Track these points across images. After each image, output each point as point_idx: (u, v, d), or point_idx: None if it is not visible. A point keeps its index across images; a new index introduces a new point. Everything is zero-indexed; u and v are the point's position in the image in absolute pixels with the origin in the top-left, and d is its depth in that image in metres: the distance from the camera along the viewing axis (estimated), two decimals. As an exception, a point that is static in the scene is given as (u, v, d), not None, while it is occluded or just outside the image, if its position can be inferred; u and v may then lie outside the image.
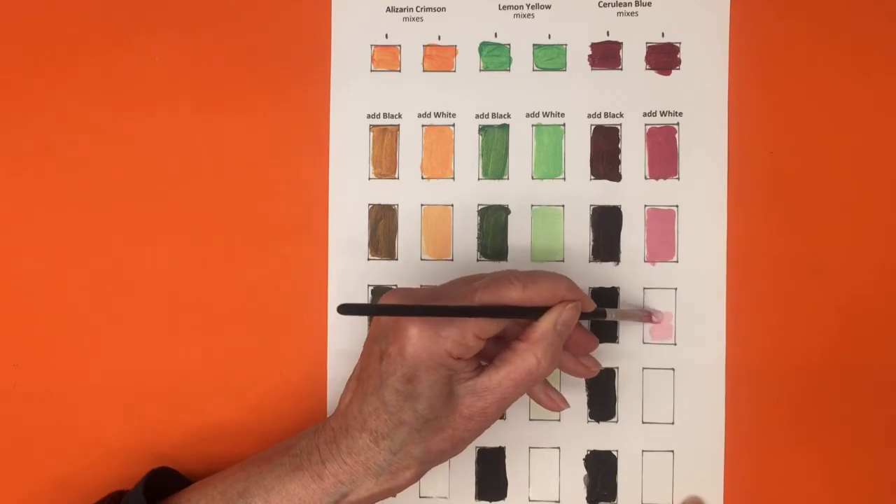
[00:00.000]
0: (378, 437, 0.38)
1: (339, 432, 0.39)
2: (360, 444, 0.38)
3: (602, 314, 0.42)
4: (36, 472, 0.47)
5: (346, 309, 0.35)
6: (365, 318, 0.46)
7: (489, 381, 0.38)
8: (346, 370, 0.46)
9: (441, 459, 0.40)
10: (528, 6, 0.46)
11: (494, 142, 0.46)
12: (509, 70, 0.47)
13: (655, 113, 0.46)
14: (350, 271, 0.46)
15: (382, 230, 0.47)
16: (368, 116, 0.47)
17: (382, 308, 0.38)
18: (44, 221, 0.47)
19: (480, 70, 0.47)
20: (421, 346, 0.36)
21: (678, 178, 0.46)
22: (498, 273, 0.39)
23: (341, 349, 0.46)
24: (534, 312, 0.39)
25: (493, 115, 0.47)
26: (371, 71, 0.47)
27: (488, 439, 0.46)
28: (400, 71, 0.47)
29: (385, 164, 0.47)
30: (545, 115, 0.46)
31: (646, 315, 0.45)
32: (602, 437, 0.46)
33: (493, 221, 0.46)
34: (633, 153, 0.46)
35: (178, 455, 0.47)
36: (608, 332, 0.46)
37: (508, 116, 0.46)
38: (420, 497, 0.46)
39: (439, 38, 0.47)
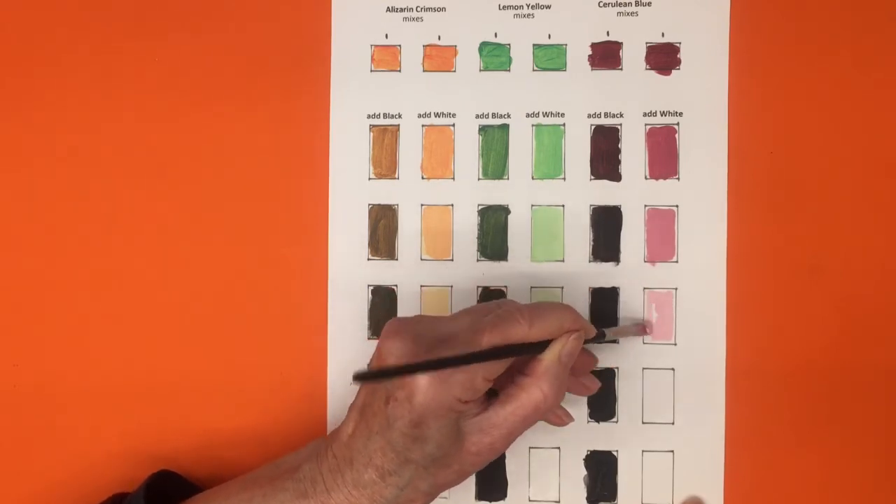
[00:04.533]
0: (385, 474, 0.37)
1: (343, 463, 0.38)
2: (366, 478, 0.37)
3: (602, 336, 0.42)
4: (36, 473, 0.47)
5: (361, 377, 0.34)
6: (366, 321, 0.46)
7: (496, 416, 0.38)
8: (347, 371, 0.46)
9: (447, 489, 0.39)
10: (528, 6, 0.46)
11: (494, 142, 0.46)
12: (509, 70, 0.47)
13: (655, 113, 0.46)
14: (350, 271, 0.46)
15: (382, 230, 0.47)
16: (368, 116, 0.47)
17: (394, 370, 0.37)
18: (44, 221, 0.47)
19: (480, 70, 0.47)
20: (431, 395, 0.36)
21: (678, 178, 0.46)
22: (502, 310, 0.39)
23: (342, 350, 0.46)
24: (539, 346, 0.38)
25: (493, 115, 0.47)
26: (371, 71, 0.47)
27: (488, 439, 0.46)
28: (400, 71, 0.47)
29: (385, 164, 0.47)
30: (545, 115, 0.46)
31: (640, 328, 0.45)
32: (602, 437, 0.46)
33: (493, 221, 0.46)
34: (633, 153, 0.46)
35: (178, 456, 0.46)
36: (608, 332, 0.46)
37: (508, 116, 0.46)
38: (420, 497, 0.46)
39: (439, 38, 0.47)
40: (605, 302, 0.46)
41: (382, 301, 0.46)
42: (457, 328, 0.38)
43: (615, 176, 0.46)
